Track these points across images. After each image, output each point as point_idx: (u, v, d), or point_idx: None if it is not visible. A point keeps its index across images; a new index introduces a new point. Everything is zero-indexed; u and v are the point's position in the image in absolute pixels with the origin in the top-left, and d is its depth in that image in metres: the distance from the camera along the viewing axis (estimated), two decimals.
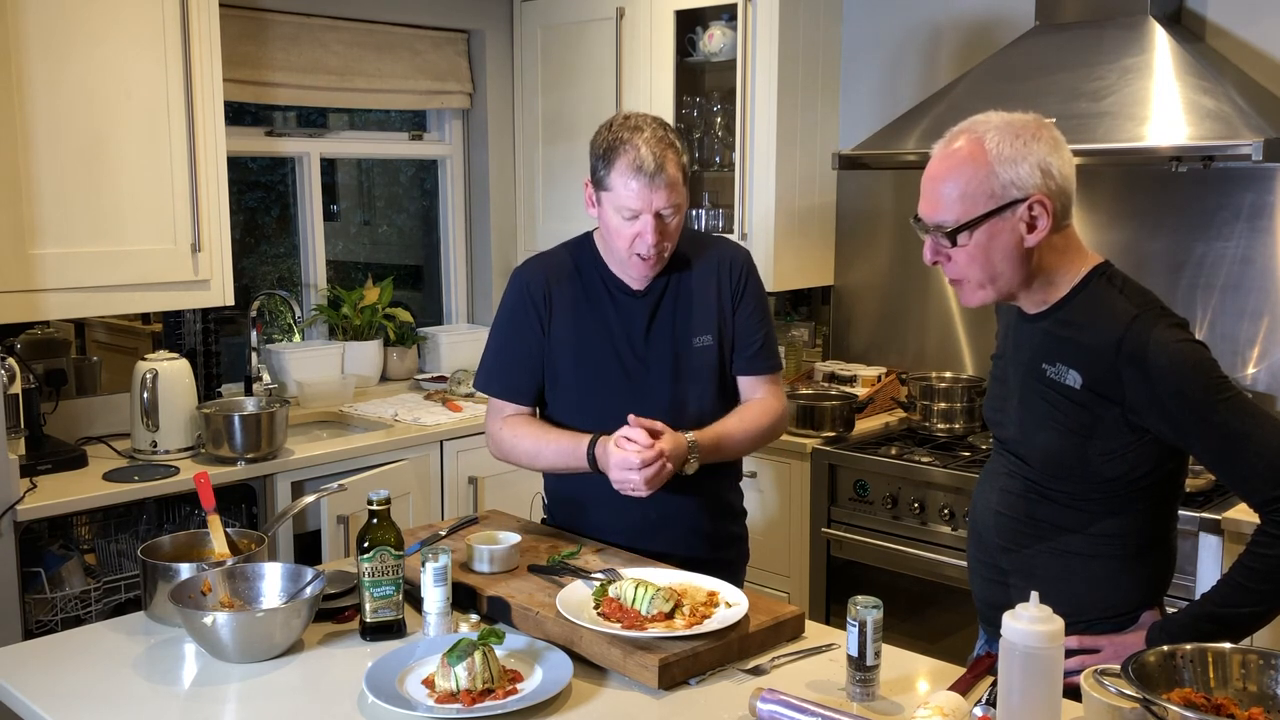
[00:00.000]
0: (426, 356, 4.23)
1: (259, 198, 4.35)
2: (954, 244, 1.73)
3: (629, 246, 2.14)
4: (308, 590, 1.91)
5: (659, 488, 2.10)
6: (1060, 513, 1.81)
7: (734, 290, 2.27)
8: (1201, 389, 1.67)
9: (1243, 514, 2.62)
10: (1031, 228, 1.70)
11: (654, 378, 2.23)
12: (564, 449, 2.20)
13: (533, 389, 2.29)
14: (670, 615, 1.82)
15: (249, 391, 3.53)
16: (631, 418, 2.11)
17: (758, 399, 2.30)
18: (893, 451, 3.30)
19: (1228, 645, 1.53)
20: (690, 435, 2.15)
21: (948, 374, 3.64)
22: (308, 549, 3.18)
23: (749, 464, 3.29)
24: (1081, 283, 1.78)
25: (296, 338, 4.18)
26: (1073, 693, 1.57)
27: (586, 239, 2.31)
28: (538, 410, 2.33)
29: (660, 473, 2.08)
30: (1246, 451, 1.67)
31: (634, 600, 1.82)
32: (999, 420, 1.92)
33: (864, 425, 3.58)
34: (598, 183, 2.15)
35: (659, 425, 2.11)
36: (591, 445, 2.15)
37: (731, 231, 3.76)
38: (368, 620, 1.89)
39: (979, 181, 1.69)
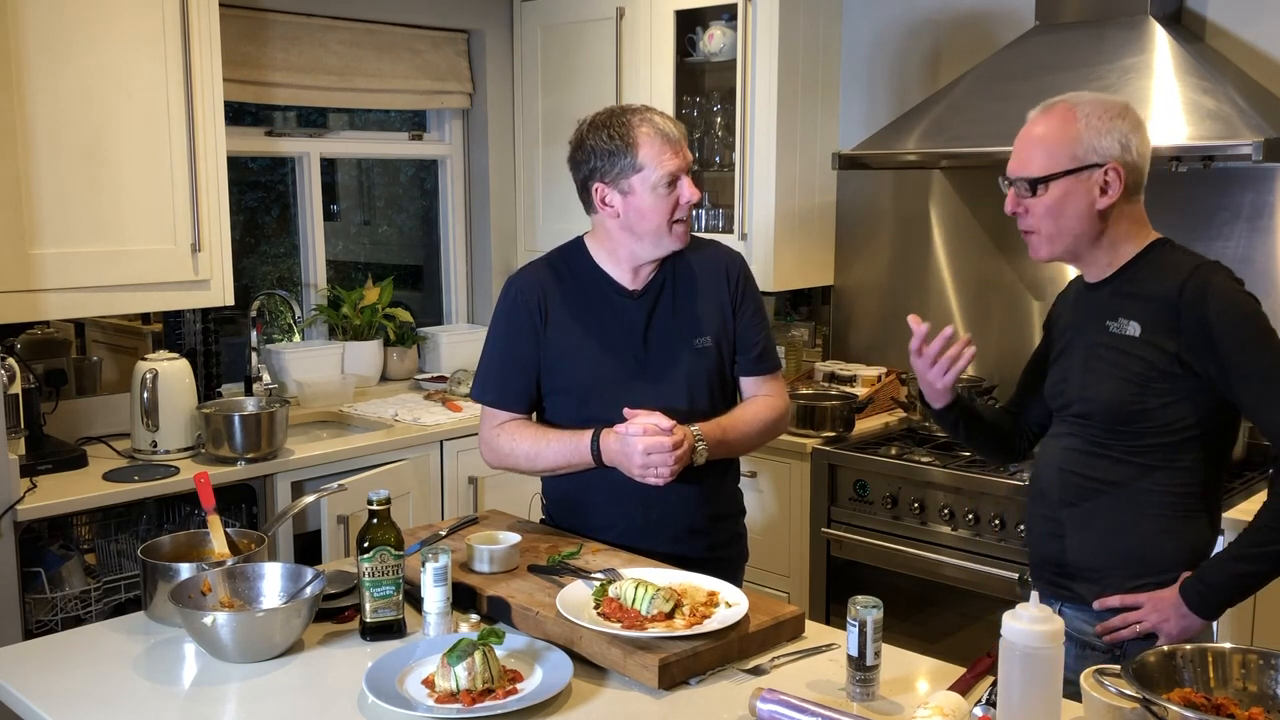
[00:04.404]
0: (426, 356, 4.23)
1: (259, 198, 4.35)
2: (1033, 194, 1.91)
3: (669, 218, 2.16)
4: (308, 590, 1.91)
5: (674, 477, 2.11)
6: (1116, 466, 1.94)
7: (734, 295, 2.28)
8: (1252, 333, 1.84)
9: (1242, 514, 2.61)
10: (1104, 192, 1.89)
11: (653, 378, 2.22)
12: (565, 446, 2.20)
13: (529, 396, 2.28)
14: (670, 615, 1.82)
15: (249, 391, 3.53)
16: (627, 411, 2.12)
17: (762, 395, 2.32)
18: (892, 451, 3.30)
19: (1228, 645, 1.54)
20: (694, 428, 2.17)
21: None
22: (308, 549, 3.18)
23: (749, 464, 3.29)
24: (1145, 250, 1.96)
25: (296, 338, 4.18)
26: (1073, 692, 1.57)
27: (577, 244, 2.31)
28: (534, 417, 2.33)
29: (684, 456, 2.11)
30: None
31: (634, 600, 1.82)
32: (1059, 391, 2.05)
33: (864, 425, 3.58)
34: (620, 174, 2.15)
35: (661, 416, 2.12)
36: (595, 439, 2.16)
37: (731, 231, 3.76)
38: (368, 620, 1.89)
39: (1066, 143, 1.89)
